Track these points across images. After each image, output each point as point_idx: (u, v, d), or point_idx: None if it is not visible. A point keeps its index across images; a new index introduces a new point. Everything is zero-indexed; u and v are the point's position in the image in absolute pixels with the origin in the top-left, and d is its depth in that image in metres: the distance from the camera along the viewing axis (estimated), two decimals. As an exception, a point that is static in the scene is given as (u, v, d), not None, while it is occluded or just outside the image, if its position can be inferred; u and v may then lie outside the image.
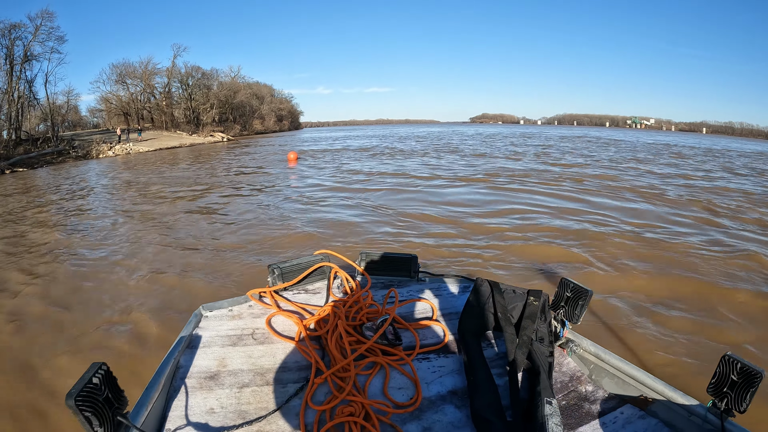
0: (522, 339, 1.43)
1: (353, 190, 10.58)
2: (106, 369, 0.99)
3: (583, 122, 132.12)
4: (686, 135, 76.62)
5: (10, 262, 5.83)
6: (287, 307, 1.82)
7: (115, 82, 42.87)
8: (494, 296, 1.56)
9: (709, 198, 9.60)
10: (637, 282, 4.57)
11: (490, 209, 8.06)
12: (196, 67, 49.15)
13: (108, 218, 8.48)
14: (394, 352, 1.46)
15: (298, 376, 1.38)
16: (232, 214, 8.37)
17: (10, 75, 27.28)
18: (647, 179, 12.38)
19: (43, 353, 3.44)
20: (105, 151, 27.49)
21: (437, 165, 15.60)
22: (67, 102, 34.14)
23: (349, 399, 1.22)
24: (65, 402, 0.89)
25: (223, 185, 12.32)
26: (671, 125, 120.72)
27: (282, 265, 1.99)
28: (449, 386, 1.34)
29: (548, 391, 1.21)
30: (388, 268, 2.12)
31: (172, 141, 36.28)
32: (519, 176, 12.26)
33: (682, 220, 7.45)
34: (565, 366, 1.45)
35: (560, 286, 1.55)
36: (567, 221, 7.12)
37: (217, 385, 1.33)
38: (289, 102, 74.50)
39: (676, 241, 6.05)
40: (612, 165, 16.12)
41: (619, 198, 9.32)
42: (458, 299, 1.88)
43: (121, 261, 5.67)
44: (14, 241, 7.08)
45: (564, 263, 5.10)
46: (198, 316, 1.73)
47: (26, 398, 2.91)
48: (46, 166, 22.15)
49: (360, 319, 1.63)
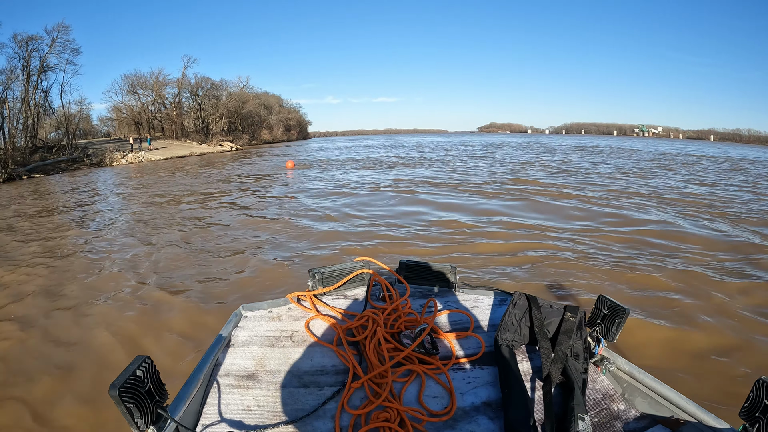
0: (557, 354, 1.43)
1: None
2: (150, 362, 1.02)
3: (591, 131, 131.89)
4: (698, 143, 75.39)
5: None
6: (326, 311, 1.84)
7: (127, 92, 43.60)
8: (531, 310, 1.56)
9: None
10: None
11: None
12: (205, 78, 50.08)
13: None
14: (431, 361, 1.47)
15: (334, 380, 1.40)
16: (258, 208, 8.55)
17: (27, 85, 27.97)
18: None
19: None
20: (118, 159, 27.95)
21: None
22: (79, 111, 34.59)
23: (384, 405, 1.23)
24: (108, 392, 0.91)
25: (245, 188, 12.41)
26: (678, 133, 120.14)
27: (323, 270, 2.02)
28: (483, 397, 1.34)
29: (582, 408, 1.21)
30: (426, 277, 2.12)
31: (183, 150, 36.78)
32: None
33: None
34: (599, 383, 1.44)
35: (597, 303, 1.54)
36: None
37: (255, 384, 1.35)
38: (297, 112, 75.31)
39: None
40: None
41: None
42: (495, 312, 1.88)
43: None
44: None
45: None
46: (238, 315, 1.75)
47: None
48: (62, 173, 22.52)
49: (398, 327, 1.64)
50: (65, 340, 3.58)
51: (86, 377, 3.03)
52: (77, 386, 2.93)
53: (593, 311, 1.55)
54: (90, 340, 3.58)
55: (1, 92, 26.03)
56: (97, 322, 3.88)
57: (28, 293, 4.66)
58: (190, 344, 3.43)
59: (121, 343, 3.50)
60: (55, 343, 3.52)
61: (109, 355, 3.33)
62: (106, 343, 3.52)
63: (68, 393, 2.85)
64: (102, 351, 3.40)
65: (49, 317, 4.04)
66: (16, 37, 27.19)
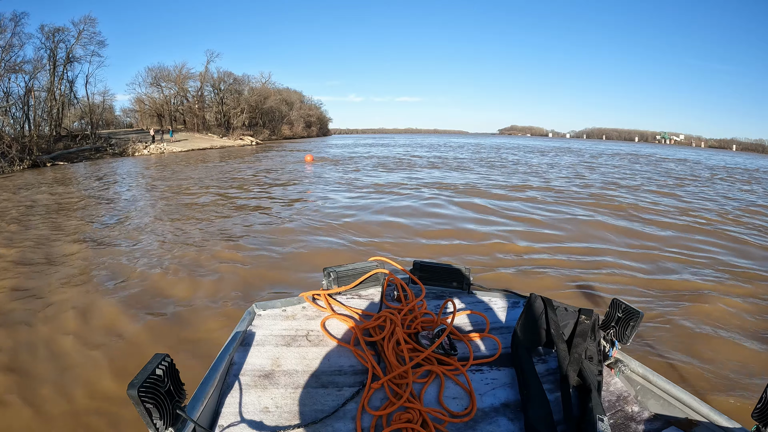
0: (573, 356, 1.40)
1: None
2: (170, 361, 0.97)
3: (612, 136, 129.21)
4: (723, 152, 72.45)
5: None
6: (341, 311, 1.80)
7: (150, 85, 43.77)
8: (547, 313, 1.54)
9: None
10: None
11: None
12: (228, 73, 50.01)
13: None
14: (450, 362, 1.44)
15: (353, 381, 1.35)
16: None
17: (53, 75, 28.13)
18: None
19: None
20: (140, 149, 27.83)
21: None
22: (103, 102, 34.85)
23: (406, 406, 1.20)
24: (127, 392, 0.85)
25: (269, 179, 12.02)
26: (701, 141, 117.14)
27: (338, 269, 1.96)
28: (502, 399, 1.31)
29: (600, 408, 1.19)
30: (440, 278, 2.08)
31: (203, 143, 36.70)
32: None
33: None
34: (613, 386, 1.43)
35: (612, 306, 1.52)
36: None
37: (272, 385, 1.30)
38: (318, 108, 75.27)
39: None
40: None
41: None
42: (510, 314, 1.87)
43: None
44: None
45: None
46: (251, 314, 1.71)
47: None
48: (85, 162, 22.39)
49: (415, 328, 1.61)
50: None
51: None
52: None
53: (607, 314, 1.53)
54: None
55: (28, 81, 26.04)
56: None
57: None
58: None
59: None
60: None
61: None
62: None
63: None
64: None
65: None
66: (43, 28, 27.34)
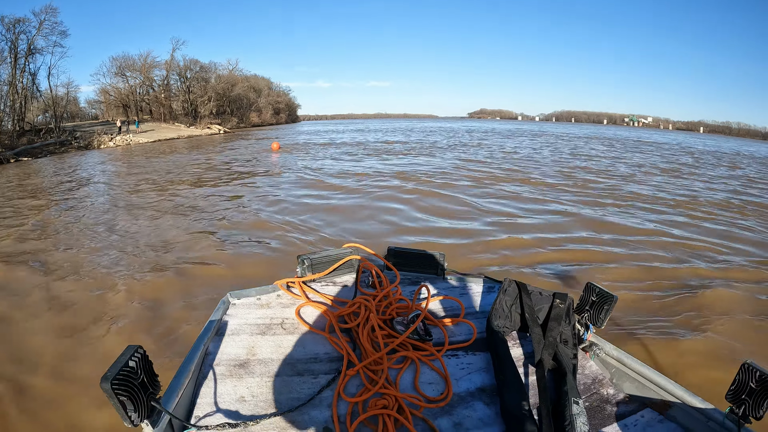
0: (548, 340, 1.45)
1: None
2: (143, 352, 0.98)
3: (581, 119, 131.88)
4: (689, 135, 72.90)
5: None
6: (316, 298, 1.83)
7: (115, 75, 43.03)
8: (522, 297, 1.59)
9: None
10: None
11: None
12: (194, 61, 49.51)
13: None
14: (425, 348, 1.48)
15: (329, 368, 1.39)
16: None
17: (14, 68, 27.82)
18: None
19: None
20: (106, 141, 28.06)
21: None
22: (67, 94, 34.48)
23: (382, 392, 1.23)
24: (100, 385, 0.87)
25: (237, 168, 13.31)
26: (668, 124, 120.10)
27: (312, 256, 2.00)
28: (478, 383, 1.36)
29: (575, 391, 1.23)
30: (415, 264, 2.15)
31: (170, 133, 36.67)
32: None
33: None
34: (588, 369, 1.47)
35: (586, 290, 1.57)
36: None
37: (248, 374, 1.33)
38: (286, 95, 74.62)
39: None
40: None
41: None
42: (484, 298, 1.92)
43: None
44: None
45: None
46: (225, 303, 1.73)
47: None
48: (50, 156, 22.55)
49: (389, 314, 1.64)
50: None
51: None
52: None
53: (582, 298, 1.58)
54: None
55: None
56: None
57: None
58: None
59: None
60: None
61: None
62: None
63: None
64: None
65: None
66: (3, 19, 26.83)
